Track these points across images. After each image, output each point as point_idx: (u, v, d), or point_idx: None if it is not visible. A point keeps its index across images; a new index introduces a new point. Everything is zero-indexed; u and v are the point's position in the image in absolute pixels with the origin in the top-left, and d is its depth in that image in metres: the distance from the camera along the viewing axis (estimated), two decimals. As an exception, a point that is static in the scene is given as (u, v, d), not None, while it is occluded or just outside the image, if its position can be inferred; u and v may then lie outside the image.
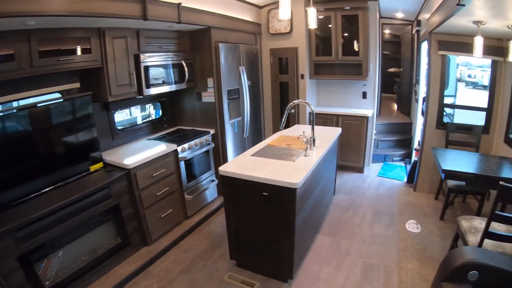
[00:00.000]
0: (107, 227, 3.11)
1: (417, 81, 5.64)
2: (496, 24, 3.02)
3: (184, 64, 3.93)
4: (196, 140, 3.98)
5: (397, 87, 8.17)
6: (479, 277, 1.99)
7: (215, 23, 3.99)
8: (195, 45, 4.13)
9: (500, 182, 2.29)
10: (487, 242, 2.55)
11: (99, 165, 3.23)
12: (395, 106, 7.99)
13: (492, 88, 4.04)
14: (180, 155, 3.72)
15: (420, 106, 5.23)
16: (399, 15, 5.01)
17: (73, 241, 2.79)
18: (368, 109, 5.16)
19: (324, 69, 5.24)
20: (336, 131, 4.12)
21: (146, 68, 3.51)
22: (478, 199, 3.74)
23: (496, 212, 2.37)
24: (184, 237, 3.70)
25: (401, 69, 7.45)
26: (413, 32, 5.73)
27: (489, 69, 3.94)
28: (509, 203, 2.38)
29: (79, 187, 2.85)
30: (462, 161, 3.57)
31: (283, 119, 3.37)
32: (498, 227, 2.65)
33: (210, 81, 4.15)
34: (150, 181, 3.37)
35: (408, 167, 5.31)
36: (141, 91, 3.52)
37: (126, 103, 3.82)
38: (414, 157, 4.79)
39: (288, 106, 3.37)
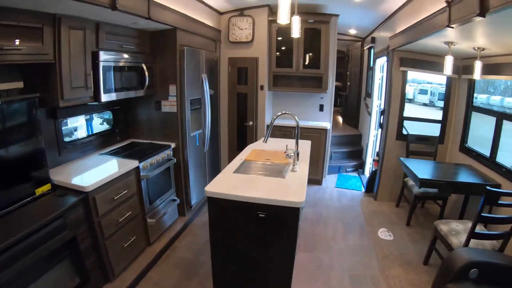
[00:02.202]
0: (63, 266, 2.39)
1: (369, 95, 5.89)
2: (464, 45, 3.20)
3: (145, 68, 3.40)
4: (158, 155, 3.44)
5: (342, 100, 8.40)
6: (478, 274, 2.16)
7: (181, 24, 3.55)
8: (156, 48, 3.62)
9: (487, 187, 2.49)
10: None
11: (46, 187, 2.52)
12: (341, 119, 8.20)
13: (447, 102, 4.37)
14: (141, 173, 3.16)
15: (374, 118, 5.43)
16: (352, 31, 5.18)
17: (24, 290, 2.08)
18: (325, 122, 5.16)
19: (282, 81, 5.10)
20: (307, 143, 3.96)
21: (105, 69, 2.92)
22: (439, 204, 3.98)
23: (482, 214, 2.54)
24: (150, 267, 3.11)
25: (348, 83, 7.72)
26: (364, 48, 5.99)
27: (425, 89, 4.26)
28: (494, 205, 2.64)
29: (25, 218, 2.16)
30: (427, 169, 3.75)
31: (268, 131, 3.06)
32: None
33: (173, 89, 3.66)
34: (110, 206, 2.75)
35: (362, 177, 5.46)
36: (97, 96, 2.90)
37: (76, 111, 3.13)
38: (372, 168, 4.90)
39: (274, 118, 3.08)
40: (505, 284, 2.19)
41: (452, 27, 2.52)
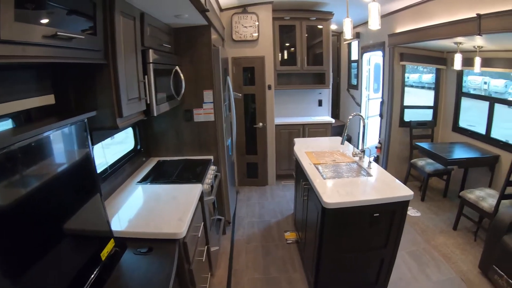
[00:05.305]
0: None
1: (353, 86, 5.54)
2: (467, 44, 3.28)
3: (179, 71, 2.43)
4: (208, 172, 2.53)
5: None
6: None
7: (213, 20, 2.64)
8: (183, 47, 2.65)
9: None
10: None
11: (110, 245, 1.53)
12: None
13: (437, 90, 4.32)
14: (205, 198, 2.26)
15: (363, 108, 5.12)
16: (333, 27, 4.76)
17: None
18: (325, 116, 4.67)
19: (284, 79, 4.43)
20: (337, 139, 3.42)
21: (156, 73, 1.95)
22: (444, 179, 3.98)
23: (509, 180, 2.63)
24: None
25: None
26: (344, 42, 5.67)
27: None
28: None
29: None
30: (439, 149, 3.64)
31: (344, 133, 2.64)
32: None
33: (208, 95, 2.76)
34: (194, 246, 1.86)
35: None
36: (150, 110, 1.93)
37: (106, 132, 2.07)
38: (375, 154, 4.59)
39: (349, 119, 2.63)
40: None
41: (481, 35, 2.61)
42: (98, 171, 1.99)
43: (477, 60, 3.22)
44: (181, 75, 2.42)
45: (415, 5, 3.56)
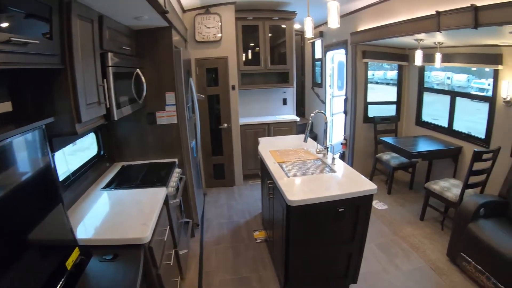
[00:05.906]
0: None
1: (317, 85, 5.73)
2: (428, 41, 3.48)
3: (140, 74, 2.43)
4: (172, 175, 2.55)
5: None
6: (485, 211, 2.55)
7: (174, 21, 2.66)
8: (144, 49, 2.64)
9: (474, 149, 2.82)
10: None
11: (75, 253, 1.52)
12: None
13: (399, 86, 4.56)
14: (170, 202, 2.28)
15: (328, 106, 5.34)
16: (297, 26, 4.92)
17: None
18: (290, 115, 4.83)
19: (247, 79, 4.52)
20: (302, 137, 3.57)
21: (114, 76, 1.94)
22: (409, 172, 4.17)
23: (472, 170, 2.84)
24: (203, 310, 2.32)
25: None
26: (308, 41, 5.84)
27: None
28: (479, 161, 2.84)
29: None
30: (403, 143, 3.83)
31: (306, 131, 2.75)
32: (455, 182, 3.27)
33: (171, 97, 2.77)
34: (161, 250, 1.90)
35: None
36: (111, 114, 1.92)
37: (67, 137, 2.03)
38: (341, 150, 4.82)
39: (311, 116, 2.73)
40: (501, 214, 2.62)
41: (440, 32, 2.75)
42: (60, 178, 1.96)
43: (438, 56, 3.41)
44: (142, 78, 2.43)
45: (376, 3, 3.74)
